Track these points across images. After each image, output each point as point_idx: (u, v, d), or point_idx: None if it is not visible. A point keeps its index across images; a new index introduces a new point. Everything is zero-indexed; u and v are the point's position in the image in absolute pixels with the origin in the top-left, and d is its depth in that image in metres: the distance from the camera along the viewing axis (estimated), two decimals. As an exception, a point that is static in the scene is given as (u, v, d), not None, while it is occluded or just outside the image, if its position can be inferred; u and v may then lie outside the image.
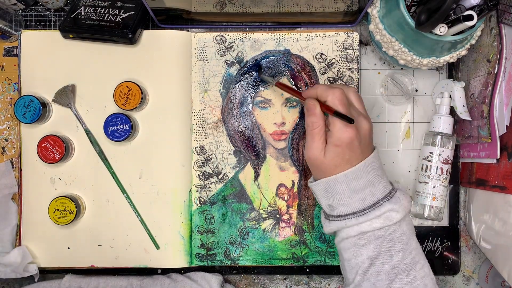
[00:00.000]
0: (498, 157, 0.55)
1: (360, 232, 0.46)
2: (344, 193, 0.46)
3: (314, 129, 0.46)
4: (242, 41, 0.60)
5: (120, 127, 0.57)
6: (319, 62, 0.60)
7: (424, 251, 0.60)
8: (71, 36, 0.58)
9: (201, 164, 0.60)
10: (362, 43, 0.62)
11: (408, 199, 0.48)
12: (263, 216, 0.60)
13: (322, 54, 0.60)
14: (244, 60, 0.60)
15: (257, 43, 0.60)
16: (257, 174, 0.60)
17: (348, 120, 0.43)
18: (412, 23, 0.49)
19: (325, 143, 0.46)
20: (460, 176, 0.63)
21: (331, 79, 0.60)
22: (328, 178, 0.47)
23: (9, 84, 0.63)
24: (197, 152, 0.60)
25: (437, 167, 0.58)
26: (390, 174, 0.63)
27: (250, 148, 0.60)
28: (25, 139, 0.60)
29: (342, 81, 0.60)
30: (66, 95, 0.59)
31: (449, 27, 0.49)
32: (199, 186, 0.60)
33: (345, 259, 0.48)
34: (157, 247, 0.59)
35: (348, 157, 0.45)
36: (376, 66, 0.63)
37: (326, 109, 0.46)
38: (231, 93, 0.60)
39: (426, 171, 0.59)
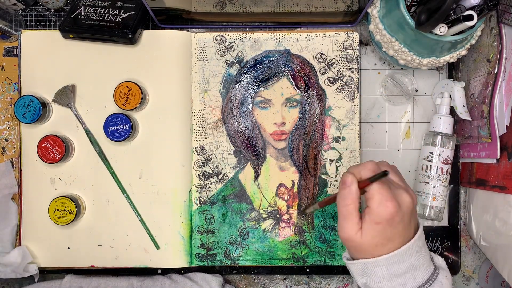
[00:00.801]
0: (498, 157, 0.55)
1: None
2: (384, 277, 0.43)
3: (348, 205, 0.42)
4: (242, 41, 0.60)
5: (120, 127, 0.57)
6: (319, 62, 0.60)
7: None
8: (71, 36, 0.58)
9: (201, 164, 0.60)
10: (362, 43, 0.62)
11: (450, 281, 0.44)
12: (263, 216, 0.60)
13: (322, 54, 0.60)
14: (244, 60, 0.60)
15: (257, 43, 0.60)
16: (257, 174, 0.60)
17: (383, 173, 0.39)
18: (412, 23, 0.49)
19: (360, 222, 0.42)
20: (460, 176, 0.63)
21: (331, 79, 0.60)
22: (367, 260, 0.43)
23: (9, 84, 0.63)
24: (197, 152, 0.60)
25: (437, 167, 0.58)
26: (390, 174, 0.63)
27: (250, 148, 0.60)
28: (25, 139, 0.60)
29: (342, 81, 0.60)
30: (66, 95, 0.59)
31: (449, 27, 0.49)
32: (199, 186, 0.60)
33: None
34: (157, 247, 0.59)
35: (389, 235, 0.41)
36: (376, 66, 0.63)
37: (362, 185, 0.42)
38: (231, 93, 0.60)
39: (426, 171, 0.59)
